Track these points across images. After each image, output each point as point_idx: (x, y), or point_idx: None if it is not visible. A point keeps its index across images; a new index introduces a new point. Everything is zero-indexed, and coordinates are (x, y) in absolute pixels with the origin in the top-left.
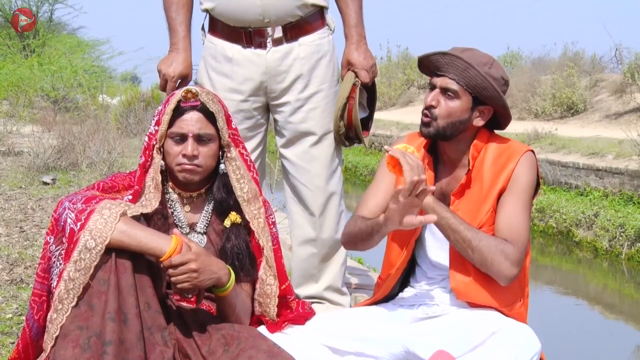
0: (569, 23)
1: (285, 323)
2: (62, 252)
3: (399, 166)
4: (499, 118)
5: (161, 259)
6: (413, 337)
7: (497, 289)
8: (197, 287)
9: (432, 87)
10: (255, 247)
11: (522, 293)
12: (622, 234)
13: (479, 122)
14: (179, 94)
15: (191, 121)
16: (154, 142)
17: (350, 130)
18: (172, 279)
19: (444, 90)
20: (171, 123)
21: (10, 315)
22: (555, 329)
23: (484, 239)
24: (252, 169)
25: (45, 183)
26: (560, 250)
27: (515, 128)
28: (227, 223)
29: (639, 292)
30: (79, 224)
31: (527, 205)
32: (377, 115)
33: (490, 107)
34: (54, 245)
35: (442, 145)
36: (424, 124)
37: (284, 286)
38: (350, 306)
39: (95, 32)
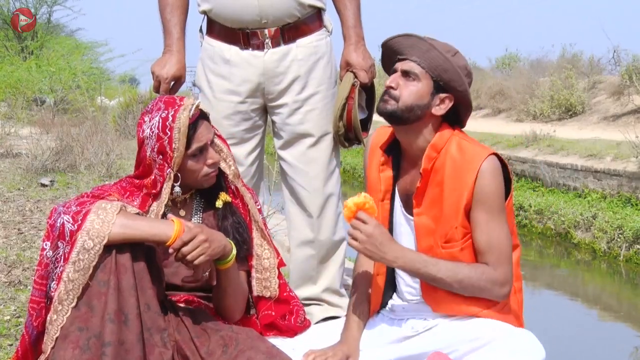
0: (567, 25)
1: (274, 332)
2: (59, 256)
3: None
4: (460, 111)
5: (168, 243)
6: (407, 352)
7: (470, 297)
8: (210, 258)
9: (393, 71)
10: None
11: None
12: (620, 235)
13: (438, 110)
14: (184, 116)
15: (204, 131)
16: (168, 172)
17: (350, 131)
18: (188, 256)
19: (405, 73)
20: (187, 144)
21: (8, 317)
22: (553, 331)
23: (465, 279)
24: (229, 147)
25: (43, 185)
26: (559, 252)
27: (513, 130)
28: (219, 204)
29: (637, 294)
30: (76, 225)
31: (500, 216)
32: (377, 116)
33: (452, 95)
34: (50, 252)
35: (401, 141)
36: (382, 101)
37: (279, 257)
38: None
39: (93, 34)
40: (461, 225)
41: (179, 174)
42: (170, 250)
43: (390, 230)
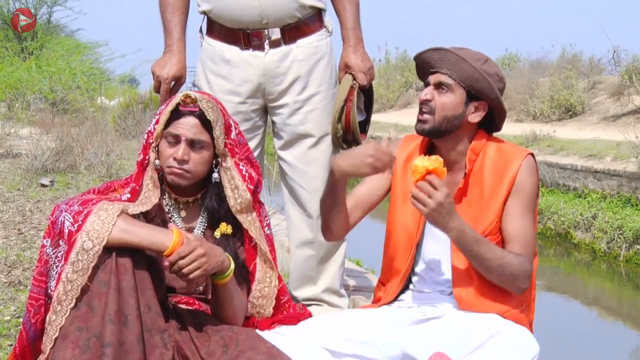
0: (567, 25)
1: (275, 324)
2: (60, 254)
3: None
4: (495, 116)
5: (166, 254)
6: (411, 340)
7: (501, 296)
8: (206, 273)
9: (427, 84)
10: (248, 251)
11: (524, 298)
12: (620, 235)
13: (474, 117)
14: (179, 97)
15: (186, 125)
16: (151, 140)
17: (348, 133)
18: (184, 270)
19: (438, 85)
20: (168, 124)
21: (8, 318)
22: (553, 331)
23: (507, 265)
24: (246, 179)
25: (43, 185)
26: (559, 252)
27: (513, 130)
28: (217, 234)
29: (637, 294)
30: (76, 225)
31: (532, 214)
32: (376, 117)
33: (485, 102)
34: (50, 248)
35: (439, 147)
36: (419, 121)
37: (280, 284)
38: (349, 308)
39: (93, 34)
40: (498, 218)
41: (156, 148)
42: (166, 263)
43: (422, 232)
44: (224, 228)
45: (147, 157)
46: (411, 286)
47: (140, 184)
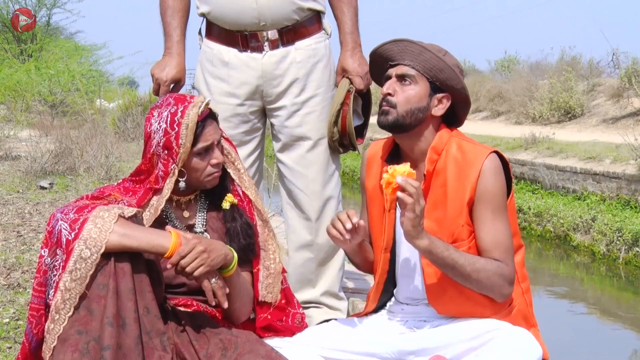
0: (567, 28)
1: (271, 333)
2: (57, 263)
3: (395, 189)
4: (458, 109)
5: (166, 256)
6: (406, 347)
7: (478, 299)
8: (210, 269)
9: (387, 78)
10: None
11: (506, 305)
12: (619, 238)
13: (438, 110)
14: (193, 113)
15: (211, 130)
16: (172, 167)
17: (344, 137)
18: (188, 268)
19: (400, 78)
20: (194, 141)
21: (7, 320)
22: (552, 333)
23: (482, 270)
24: (236, 150)
25: (42, 187)
26: (558, 255)
27: (512, 132)
28: (225, 205)
29: (636, 296)
30: (73, 233)
31: (504, 214)
32: (374, 120)
33: (448, 94)
34: (48, 258)
35: (402, 145)
36: (382, 113)
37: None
38: (348, 310)
39: (92, 36)
40: (466, 223)
41: (184, 170)
42: (169, 266)
43: (394, 239)
44: (231, 199)
45: (164, 185)
46: (396, 294)
47: (141, 205)
